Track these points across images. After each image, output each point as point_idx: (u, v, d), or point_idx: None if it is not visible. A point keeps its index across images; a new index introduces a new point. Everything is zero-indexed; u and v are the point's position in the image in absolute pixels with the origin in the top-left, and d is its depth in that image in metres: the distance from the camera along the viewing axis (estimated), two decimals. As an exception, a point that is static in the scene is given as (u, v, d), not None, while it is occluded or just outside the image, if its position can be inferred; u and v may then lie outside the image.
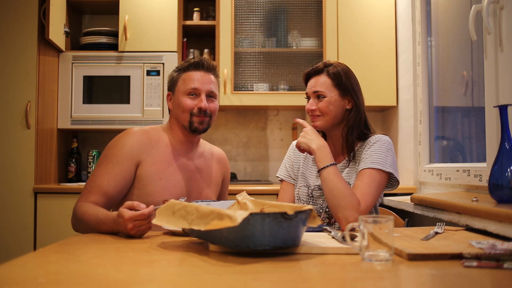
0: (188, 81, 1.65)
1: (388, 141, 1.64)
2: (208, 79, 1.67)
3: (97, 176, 1.58)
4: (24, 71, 2.81)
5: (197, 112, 1.65)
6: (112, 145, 1.63)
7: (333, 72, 1.66)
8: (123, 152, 1.60)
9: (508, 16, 1.70)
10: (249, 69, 3.19)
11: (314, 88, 1.67)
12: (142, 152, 1.62)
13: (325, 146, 1.57)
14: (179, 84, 1.68)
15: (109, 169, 1.57)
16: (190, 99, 1.65)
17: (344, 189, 1.49)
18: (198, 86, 1.65)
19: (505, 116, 1.36)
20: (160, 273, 0.91)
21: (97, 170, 1.60)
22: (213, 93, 1.68)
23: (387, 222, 0.98)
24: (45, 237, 2.75)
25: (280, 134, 3.47)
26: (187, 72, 1.67)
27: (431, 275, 0.91)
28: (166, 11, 3.07)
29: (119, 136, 1.66)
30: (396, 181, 1.62)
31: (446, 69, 2.64)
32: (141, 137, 1.64)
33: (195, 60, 1.68)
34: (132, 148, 1.61)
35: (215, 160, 1.84)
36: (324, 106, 1.65)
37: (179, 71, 1.70)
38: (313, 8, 3.19)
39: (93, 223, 1.43)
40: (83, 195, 1.56)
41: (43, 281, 0.83)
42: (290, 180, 1.78)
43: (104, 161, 1.60)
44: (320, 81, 1.66)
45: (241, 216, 0.95)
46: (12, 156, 2.78)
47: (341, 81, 1.65)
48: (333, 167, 1.53)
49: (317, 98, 1.66)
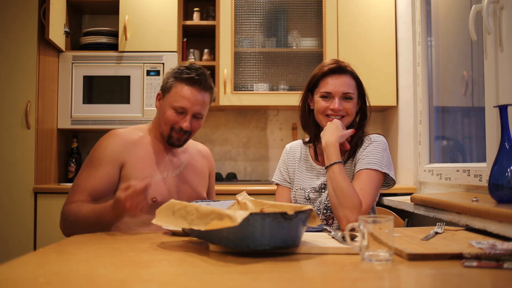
0: (179, 97, 1.60)
1: (384, 141, 1.64)
2: (200, 100, 1.62)
3: (82, 179, 1.59)
4: (24, 71, 2.81)
5: (177, 129, 1.63)
6: (95, 148, 1.65)
7: (355, 74, 1.67)
8: (105, 155, 1.60)
9: (508, 16, 1.70)
10: (249, 69, 3.19)
11: (343, 88, 1.62)
12: (125, 152, 1.62)
13: (332, 144, 1.55)
14: (170, 94, 1.63)
15: (93, 172, 1.59)
16: (175, 114, 1.62)
17: (348, 189, 1.49)
18: (187, 106, 1.60)
19: (505, 116, 1.36)
20: (160, 273, 0.91)
21: (81, 173, 1.61)
22: (200, 114, 1.65)
23: (387, 222, 0.98)
24: (45, 237, 2.74)
25: (280, 134, 3.47)
26: (182, 84, 1.62)
27: (431, 275, 0.91)
28: (166, 11, 3.07)
29: (102, 138, 1.67)
30: (392, 180, 1.62)
31: (446, 69, 2.64)
32: (123, 138, 1.65)
33: (193, 75, 1.61)
34: (114, 150, 1.61)
35: (200, 155, 1.84)
36: (351, 107, 1.64)
37: (175, 79, 1.64)
38: (313, 8, 3.19)
39: (93, 218, 1.44)
40: (69, 197, 1.58)
41: (43, 281, 0.83)
42: (286, 183, 1.77)
43: (88, 164, 1.62)
44: (348, 82, 1.64)
45: (241, 216, 0.95)
46: (12, 156, 2.78)
47: (361, 83, 1.67)
48: (339, 165, 1.53)
49: (345, 99, 1.63)
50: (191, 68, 1.64)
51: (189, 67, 1.64)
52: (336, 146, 1.56)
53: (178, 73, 1.64)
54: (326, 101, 1.63)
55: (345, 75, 1.64)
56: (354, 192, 1.49)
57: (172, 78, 1.65)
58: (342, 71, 1.64)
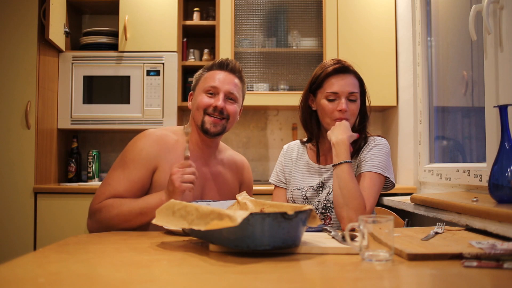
0: (209, 79, 1.61)
1: (387, 145, 1.65)
2: (229, 80, 1.61)
3: (113, 179, 1.54)
4: (24, 71, 2.81)
5: (211, 111, 1.58)
6: (130, 149, 1.58)
7: (358, 74, 1.66)
8: (141, 157, 1.55)
9: (508, 16, 1.70)
10: (249, 69, 3.19)
11: (349, 88, 1.61)
12: (159, 157, 1.57)
13: (343, 142, 1.54)
14: (200, 83, 1.64)
15: (126, 173, 1.54)
16: (208, 97, 1.59)
17: (354, 190, 1.48)
18: (218, 85, 1.59)
19: (505, 116, 1.36)
20: (160, 273, 0.91)
21: (114, 173, 1.55)
22: (233, 95, 1.61)
23: (387, 222, 0.98)
24: (45, 237, 2.74)
25: (280, 134, 3.47)
26: (210, 71, 1.64)
27: (431, 275, 0.91)
28: (166, 11, 3.07)
29: (136, 138, 1.61)
30: (391, 183, 1.63)
31: (446, 69, 2.64)
32: (159, 141, 1.59)
33: (220, 60, 1.65)
34: (149, 153, 1.56)
35: (234, 166, 1.77)
36: (356, 108, 1.63)
37: (203, 71, 1.67)
38: (313, 8, 3.19)
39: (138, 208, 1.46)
40: (100, 195, 1.53)
41: (43, 281, 0.83)
42: (282, 184, 1.77)
43: (121, 164, 1.56)
44: (353, 82, 1.63)
45: (241, 216, 0.95)
46: (12, 156, 2.78)
47: (363, 83, 1.67)
48: (347, 165, 1.52)
49: (350, 100, 1.62)
50: (222, 60, 1.66)
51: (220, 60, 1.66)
52: (346, 144, 1.55)
53: (206, 66, 1.68)
54: (332, 104, 1.61)
55: (349, 74, 1.63)
56: (360, 193, 1.49)
57: (203, 70, 1.67)
58: (346, 70, 1.63)
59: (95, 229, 1.52)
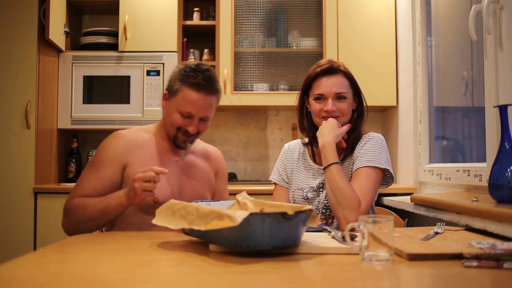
0: (186, 103, 1.57)
1: (381, 138, 1.64)
2: (207, 104, 1.59)
3: (84, 179, 1.61)
4: (24, 71, 2.81)
5: (184, 132, 1.62)
6: (98, 149, 1.66)
7: (348, 73, 1.66)
8: (108, 156, 1.61)
9: (508, 16, 1.70)
10: (249, 69, 3.19)
11: (335, 89, 1.62)
12: (128, 153, 1.62)
13: (329, 144, 1.55)
14: (177, 98, 1.59)
15: (95, 172, 1.60)
16: (182, 118, 1.59)
17: (346, 189, 1.48)
18: (194, 112, 1.58)
19: (505, 116, 1.36)
20: (160, 273, 0.91)
21: (84, 174, 1.63)
22: (207, 117, 1.63)
23: (387, 222, 0.98)
24: (45, 237, 2.74)
25: (280, 134, 3.47)
26: (189, 89, 1.57)
27: (431, 275, 0.91)
28: (166, 11, 3.07)
29: (105, 139, 1.67)
30: (390, 177, 1.62)
31: (446, 69, 2.64)
32: (126, 139, 1.64)
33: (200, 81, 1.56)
34: (116, 151, 1.61)
35: (207, 156, 1.82)
36: (346, 107, 1.63)
37: (182, 82, 1.58)
38: (313, 8, 3.19)
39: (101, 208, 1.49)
40: (71, 196, 1.61)
41: (43, 281, 0.83)
42: (283, 183, 1.77)
43: (90, 165, 1.63)
44: (340, 82, 1.63)
45: (241, 216, 0.95)
46: (12, 156, 2.78)
47: (355, 81, 1.66)
48: (336, 166, 1.52)
49: (338, 99, 1.63)
50: (198, 71, 1.58)
51: (196, 69, 1.58)
52: (332, 146, 1.56)
53: (185, 76, 1.58)
54: (320, 103, 1.64)
55: (337, 75, 1.64)
56: (353, 191, 1.48)
57: (179, 81, 1.59)
58: (334, 71, 1.63)
59: (67, 227, 1.60)
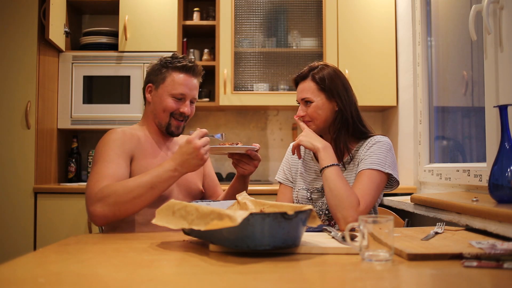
0: (177, 85, 1.65)
1: (388, 142, 1.63)
2: (195, 85, 1.70)
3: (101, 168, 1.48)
4: (24, 71, 2.81)
5: (178, 115, 1.67)
6: (103, 143, 1.57)
7: (318, 76, 1.65)
8: (117, 146, 1.55)
9: (508, 16, 1.70)
10: (249, 69, 3.19)
11: (301, 94, 1.67)
12: (133, 146, 1.61)
13: (329, 145, 1.58)
14: (166, 83, 1.66)
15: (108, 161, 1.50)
16: (175, 101, 1.66)
17: (345, 189, 1.48)
18: (187, 92, 1.66)
19: (505, 116, 1.36)
20: (160, 273, 0.91)
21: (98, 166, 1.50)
22: (195, 99, 1.72)
23: (387, 222, 0.98)
24: (45, 237, 2.75)
25: (280, 134, 3.47)
26: (177, 72, 1.67)
27: (431, 275, 0.91)
28: (166, 11, 3.07)
29: (106, 135, 1.61)
30: (395, 181, 1.61)
31: (446, 69, 2.64)
32: (127, 133, 1.64)
33: (187, 63, 1.67)
34: (124, 143, 1.59)
35: None
36: (312, 112, 1.64)
37: (168, 68, 1.67)
38: (313, 8, 3.20)
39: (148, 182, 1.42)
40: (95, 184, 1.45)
41: (43, 281, 0.83)
42: (288, 183, 1.77)
43: (99, 158, 1.52)
44: (306, 87, 1.66)
45: (241, 216, 0.95)
46: (12, 156, 2.78)
47: (325, 84, 1.64)
48: (335, 167, 1.53)
49: (306, 104, 1.66)
50: (179, 57, 1.69)
51: (176, 56, 1.70)
52: (331, 148, 1.57)
53: (169, 62, 1.68)
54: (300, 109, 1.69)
55: (306, 80, 1.67)
56: (351, 192, 1.48)
57: (164, 69, 1.68)
58: (304, 77, 1.68)
59: (103, 213, 1.40)
